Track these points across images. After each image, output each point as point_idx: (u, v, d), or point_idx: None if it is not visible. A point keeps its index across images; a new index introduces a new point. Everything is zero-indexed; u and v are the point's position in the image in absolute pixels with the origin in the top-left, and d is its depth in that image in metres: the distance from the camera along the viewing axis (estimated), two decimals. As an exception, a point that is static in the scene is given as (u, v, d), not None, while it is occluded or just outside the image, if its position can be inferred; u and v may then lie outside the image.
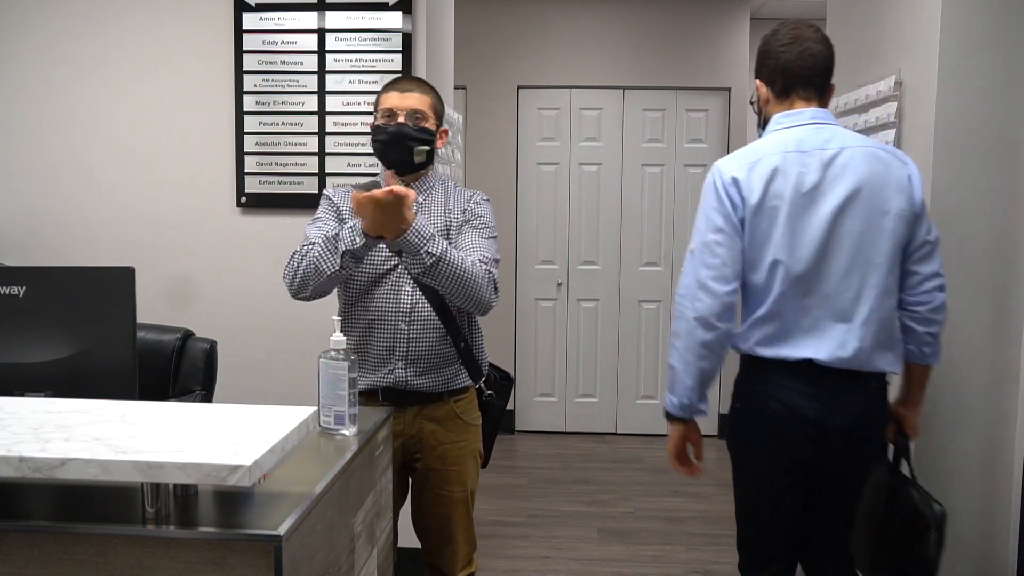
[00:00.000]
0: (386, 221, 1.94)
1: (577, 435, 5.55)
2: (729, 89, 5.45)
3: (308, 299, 2.17)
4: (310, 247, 2.11)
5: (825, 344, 2.01)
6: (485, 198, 2.31)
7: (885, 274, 2.03)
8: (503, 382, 2.43)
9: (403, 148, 2.18)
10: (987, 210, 2.46)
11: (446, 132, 2.31)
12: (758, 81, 2.20)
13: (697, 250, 2.06)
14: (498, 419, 2.41)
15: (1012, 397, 2.48)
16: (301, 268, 2.11)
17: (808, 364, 2.02)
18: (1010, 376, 2.48)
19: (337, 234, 2.05)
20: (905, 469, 2.20)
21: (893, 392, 2.20)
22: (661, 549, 3.78)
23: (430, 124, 2.22)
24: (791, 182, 2.01)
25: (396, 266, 2.19)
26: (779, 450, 2.08)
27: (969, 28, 2.43)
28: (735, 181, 2.04)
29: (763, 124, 2.21)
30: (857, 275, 2.02)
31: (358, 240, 2.01)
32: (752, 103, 2.27)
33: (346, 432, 1.84)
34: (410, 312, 2.19)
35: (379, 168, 2.35)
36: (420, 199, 2.25)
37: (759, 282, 2.05)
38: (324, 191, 2.32)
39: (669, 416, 2.15)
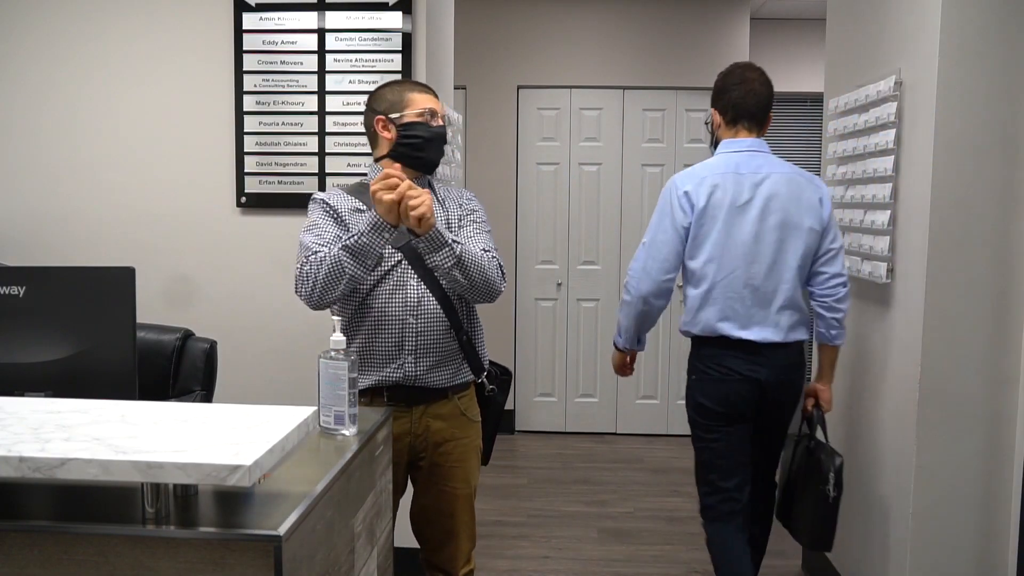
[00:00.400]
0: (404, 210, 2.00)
1: (577, 435, 5.55)
2: (729, 89, 5.45)
3: (329, 306, 2.17)
4: (318, 256, 2.08)
5: (755, 327, 2.61)
6: (475, 196, 2.38)
7: (796, 273, 2.63)
8: (503, 377, 2.45)
9: (439, 149, 2.26)
10: (987, 210, 2.46)
11: None
12: (713, 109, 2.79)
13: (649, 243, 2.68)
14: (499, 415, 2.43)
15: (1012, 397, 2.48)
16: (320, 278, 2.06)
17: (743, 341, 2.61)
18: (1010, 376, 2.48)
19: (359, 240, 2.03)
20: (820, 435, 2.77)
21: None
22: (661, 549, 3.78)
23: None
24: (728, 197, 2.61)
25: (400, 261, 2.20)
26: (716, 398, 2.66)
27: (969, 28, 2.43)
28: (687, 194, 2.64)
29: (714, 143, 2.82)
30: (776, 273, 2.61)
31: (386, 235, 2.04)
32: (706, 124, 2.87)
33: (346, 432, 1.84)
34: (417, 306, 2.20)
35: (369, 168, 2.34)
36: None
37: (696, 269, 2.64)
38: (313, 197, 2.27)
39: (617, 347, 2.88)
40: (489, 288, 2.16)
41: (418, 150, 2.22)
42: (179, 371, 2.45)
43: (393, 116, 2.22)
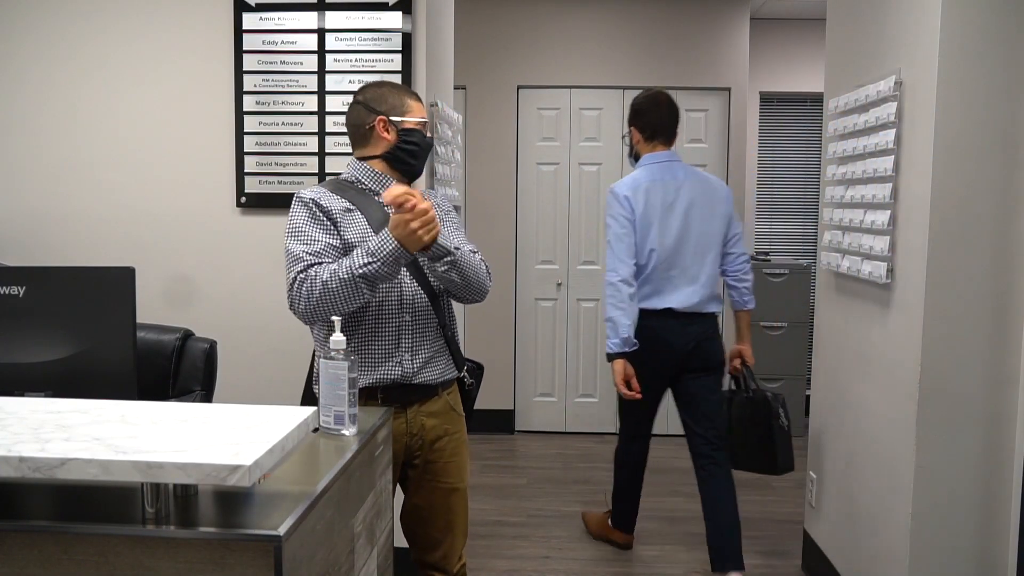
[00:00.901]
0: (423, 233, 2.02)
1: (577, 435, 5.55)
2: (729, 89, 5.45)
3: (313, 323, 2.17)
4: (316, 275, 2.05)
5: (680, 297, 3.33)
6: (444, 195, 2.46)
7: (715, 254, 3.39)
8: (478, 371, 2.50)
9: (425, 161, 2.34)
10: (987, 210, 2.46)
11: None
12: (633, 127, 3.47)
13: (613, 240, 3.32)
14: (471, 409, 2.48)
15: (1012, 397, 2.48)
16: (327, 300, 2.04)
17: (669, 311, 3.32)
18: (1010, 376, 2.48)
19: (379, 270, 2.02)
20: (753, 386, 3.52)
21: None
22: (661, 549, 3.78)
23: None
24: (659, 200, 3.32)
25: None
26: (649, 362, 3.34)
27: (969, 28, 2.43)
28: (627, 198, 3.31)
29: (635, 156, 3.49)
30: (700, 255, 3.35)
31: (403, 262, 2.05)
32: (624, 138, 3.58)
33: (346, 432, 1.84)
34: (412, 303, 2.21)
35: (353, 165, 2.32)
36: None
37: (641, 261, 3.33)
38: (300, 196, 2.20)
39: (612, 356, 3.31)
40: (479, 288, 2.24)
41: (413, 157, 2.28)
42: (179, 371, 2.45)
43: (395, 119, 2.23)
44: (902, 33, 2.71)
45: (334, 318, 1.97)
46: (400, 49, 3.20)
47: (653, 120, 3.40)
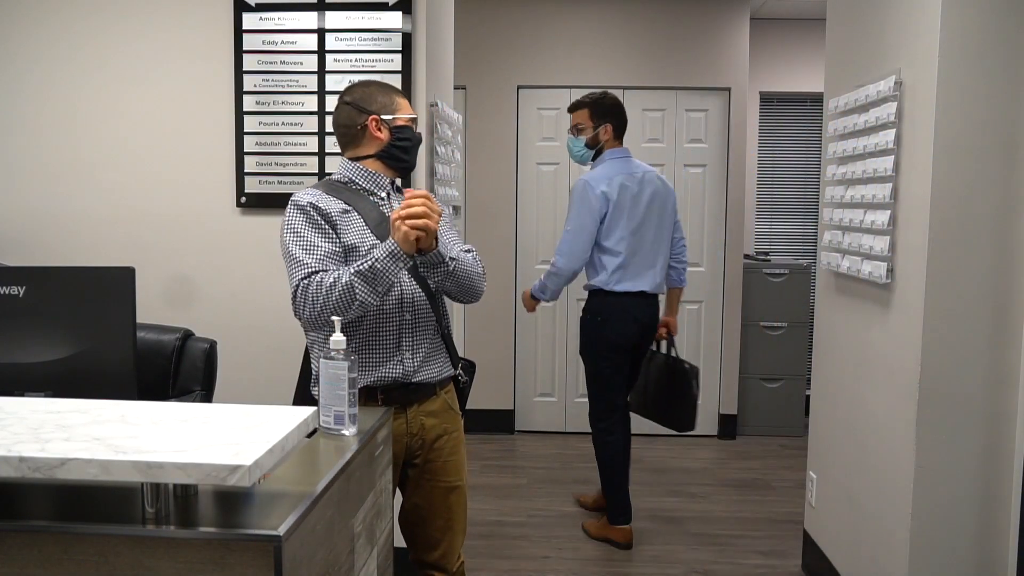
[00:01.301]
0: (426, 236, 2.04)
1: (577, 435, 5.55)
2: (729, 89, 5.45)
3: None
4: (323, 279, 2.04)
5: (648, 281, 3.77)
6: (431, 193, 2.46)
7: (668, 239, 3.86)
8: (471, 369, 2.51)
9: (416, 156, 2.36)
10: (987, 210, 2.46)
11: None
12: (608, 125, 3.78)
13: (574, 231, 3.71)
14: (464, 407, 2.49)
15: (1012, 397, 2.48)
16: (331, 304, 2.03)
17: (642, 292, 3.75)
18: (1010, 376, 2.48)
19: (375, 265, 2.01)
20: (674, 353, 4.03)
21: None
22: (661, 549, 3.78)
23: None
24: (629, 192, 3.72)
25: None
26: (624, 337, 3.78)
27: (969, 28, 2.43)
28: (604, 193, 3.69)
29: (596, 151, 3.82)
30: (658, 242, 3.81)
31: (402, 263, 2.04)
32: (578, 130, 3.83)
33: (346, 432, 1.84)
34: (412, 302, 2.22)
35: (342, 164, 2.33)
36: (397, 197, 2.32)
37: (612, 247, 3.71)
38: (296, 200, 2.17)
39: (536, 298, 3.93)
40: (476, 289, 2.27)
41: (406, 153, 2.30)
42: (179, 371, 2.45)
43: (386, 117, 2.25)
44: (902, 33, 2.71)
45: (334, 318, 1.97)
46: (400, 49, 3.20)
47: (624, 119, 3.83)
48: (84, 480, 1.31)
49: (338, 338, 1.87)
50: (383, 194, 2.29)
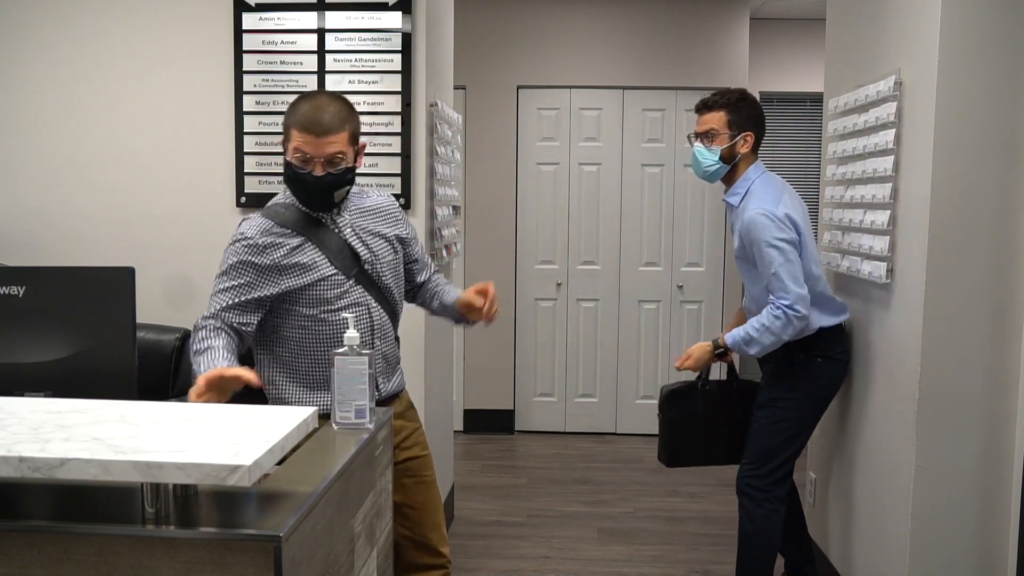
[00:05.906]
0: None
1: (577, 435, 5.55)
2: (729, 89, 5.45)
3: None
4: (203, 332, 2.02)
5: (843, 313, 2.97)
6: (393, 200, 2.36)
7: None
8: None
9: (326, 197, 2.11)
10: (987, 210, 2.46)
11: (364, 146, 2.20)
12: (751, 133, 2.91)
13: (786, 266, 2.74)
14: None
15: (1012, 397, 2.48)
16: (191, 351, 2.04)
17: (839, 326, 2.96)
18: (1010, 376, 2.48)
19: (195, 372, 1.97)
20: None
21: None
22: (661, 549, 3.78)
23: (349, 160, 2.11)
24: (800, 208, 2.90)
25: (355, 285, 2.17)
26: (838, 381, 3.01)
27: (969, 28, 2.43)
28: (788, 215, 2.80)
29: (732, 164, 2.94)
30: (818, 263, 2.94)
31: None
32: (710, 136, 2.99)
33: (370, 425, 1.86)
34: (381, 329, 2.23)
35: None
36: (352, 218, 2.21)
37: (815, 275, 2.87)
38: (243, 230, 2.12)
39: (728, 349, 2.94)
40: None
41: (305, 193, 2.10)
42: (179, 371, 2.45)
43: (286, 144, 2.11)
44: (902, 33, 2.71)
45: (346, 316, 1.98)
46: (400, 49, 3.20)
47: (765, 129, 3.00)
48: (84, 480, 1.31)
49: (352, 334, 1.88)
50: (332, 217, 2.17)
